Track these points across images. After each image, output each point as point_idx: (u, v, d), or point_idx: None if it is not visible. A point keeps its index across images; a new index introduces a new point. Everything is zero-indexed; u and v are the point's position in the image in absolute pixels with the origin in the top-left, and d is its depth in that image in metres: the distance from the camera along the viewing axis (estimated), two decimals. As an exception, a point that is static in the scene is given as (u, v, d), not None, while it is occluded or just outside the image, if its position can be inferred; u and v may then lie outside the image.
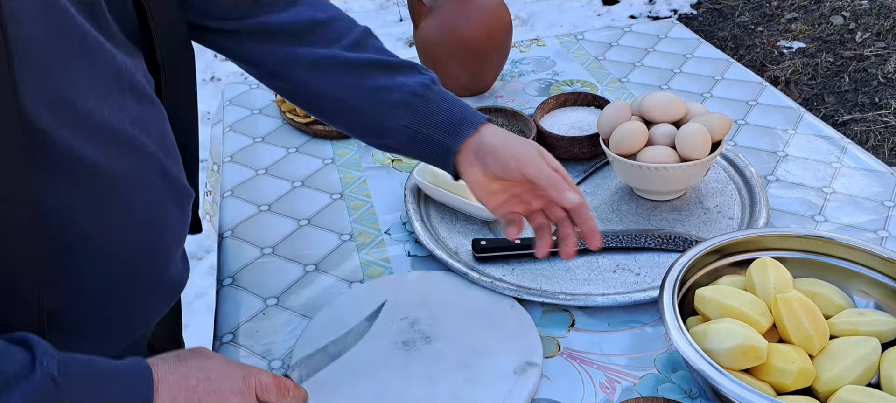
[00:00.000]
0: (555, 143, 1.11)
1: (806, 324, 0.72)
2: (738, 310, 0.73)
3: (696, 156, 0.95)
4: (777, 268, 0.78)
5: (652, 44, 1.51)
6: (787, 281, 0.77)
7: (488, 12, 1.26)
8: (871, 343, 0.71)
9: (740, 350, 0.69)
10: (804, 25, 3.67)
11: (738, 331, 0.70)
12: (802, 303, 0.73)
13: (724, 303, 0.74)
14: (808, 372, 0.70)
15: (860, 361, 0.70)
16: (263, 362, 0.84)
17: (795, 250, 0.83)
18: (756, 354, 0.70)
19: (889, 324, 0.74)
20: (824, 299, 0.78)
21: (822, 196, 1.02)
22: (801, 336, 0.72)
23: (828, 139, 1.15)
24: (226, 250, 1.02)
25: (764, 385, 0.70)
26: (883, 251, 0.79)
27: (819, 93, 3.12)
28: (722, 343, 0.70)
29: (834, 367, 0.70)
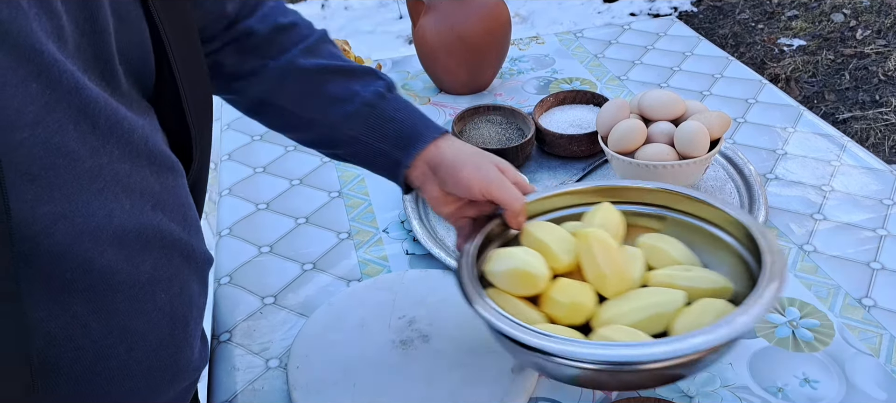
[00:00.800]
0: (553, 141, 1.11)
1: (600, 263, 0.69)
2: (543, 243, 0.72)
3: (695, 153, 0.95)
4: (608, 213, 0.75)
5: (651, 41, 1.50)
6: (614, 223, 0.74)
7: (487, 10, 1.26)
8: (673, 295, 0.68)
9: (515, 274, 0.69)
10: (805, 23, 3.66)
11: (518, 256, 0.69)
12: (600, 242, 0.69)
13: (535, 236, 0.73)
14: (581, 307, 0.68)
15: (647, 308, 0.67)
16: (261, 360, 0.83)
17: (654, 205, 0.79)
18: (532, 281, 0.68)
19: (713, 283, 0.70)
20: (662, 253, 0.74)
21: (821, 194, 1.02)
22: (594, 274, 0.70)
23: (827, 137, 1.15)
24: (223, 249, 1.02)
25: (536, 314, 0.69)
26: (732, 210, 0.74)
27: (819, 90, 3.11)
28: (499, 266, 0.70)
29: (616, 309, 0.68)
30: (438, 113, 1.29)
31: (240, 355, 0.85)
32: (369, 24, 4.24)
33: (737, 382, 0.76)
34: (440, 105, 1.32)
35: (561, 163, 1.12)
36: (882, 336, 0.80)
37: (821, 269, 0.89)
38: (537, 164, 1.12)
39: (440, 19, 1.26)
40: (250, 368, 0.83)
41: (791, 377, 0.76)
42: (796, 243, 0.94)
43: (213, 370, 0.84)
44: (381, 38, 4.00)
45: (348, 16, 4.40)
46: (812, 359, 0.78)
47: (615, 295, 0.70)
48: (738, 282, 0.70)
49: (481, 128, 1.15)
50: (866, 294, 0.85)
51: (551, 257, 0.71)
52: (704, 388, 0.76)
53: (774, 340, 0.80)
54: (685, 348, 0.58)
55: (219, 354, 0.85)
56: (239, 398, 0.80)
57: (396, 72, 1.45)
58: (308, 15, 3.14)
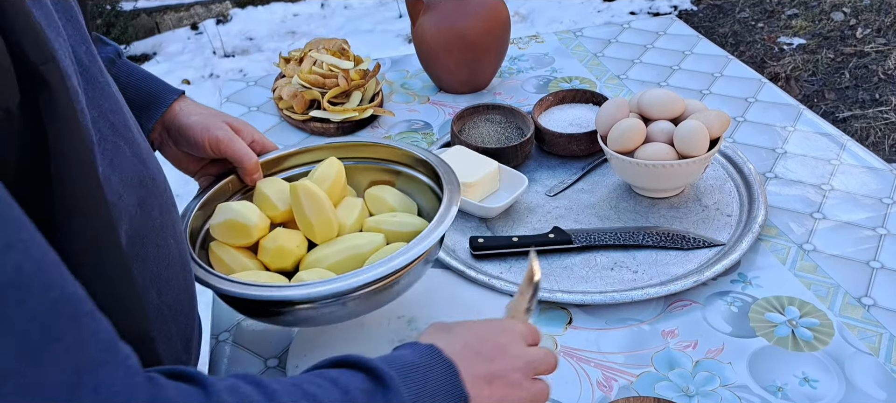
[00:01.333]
0: (553, 140, 1.11)
1: (307, 211, 0.76)
2: (263, 195, 0.80)
3: (695, 153, 0.95)
4: (330, 165, 0.82)
5: (651, 40, 1.50)
6: (332, 176, 0.81)
7: (486, 8, 1.26)
8: (370, 238, 0.76)
9: (228, 225, 0.76)
10: (805, 21, 3.66)
11: (234, 209, 0.76)
12: (309, 192, 0.76)
13: (259, 189, 0.81)
14: (287, 252, 0.75)
15: (344, 250, 0.75)
16: (259, 360, 0.83)
17: (382, 159, 0.88)
18: (245, 231, 0.76)
19: (409, 226, 0.79)
20: (380, 201, 0.84)
21: (821, 193, 1.02)
22: (303, 222, 0.77)
23: (827, 136, 1.15)
24: (223, 247, 1.02)
25: (252, 262, 0.76)
26: (420, 152, 0.84)
27: (819, 89, 3.11)
28: (218, 218, 0.77)
29: (319, 253, 0.76)
30: (438, 112, 1.29)
31: (239, 354, 0.84)
32: (369, 23, 4.23)
33: (736, 381, 0.76)
34: (439, 104, 1.32)
35: (560, 162, 1.12)
36: (882, 335, 0.80)
37: (820, 268, 0.89)
38: (537, 163, 1.12)
39: (440, 18, 1.26)
40: (249, 367, 0.83)
41: (790, 376, 0.76)
42: (796, 242, 0.94)
43: (213, 369, 0.84)
44: (380, 37, 4.00)
45: (348, 15, 4.40)
46: (811, 359, 0.78)
47: (324, 241, 0.78)
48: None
49: (480, 127, 1.15)
50: (866, 293, 0.85)
51: (269, 207, 0.79)
52: (704, 387, 0.75)
53: (774, 339, 0.80)
54: (332, 287, 0.66)
55: (218, 353, 0.85)
56: (238, 397, 0.79)
57: (396, 71, 1.45)
58: (307, 14, 3.14)
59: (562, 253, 0.94)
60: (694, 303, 0.86)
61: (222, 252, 0.77)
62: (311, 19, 4.39)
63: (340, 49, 1.35)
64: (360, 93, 1.27)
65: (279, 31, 4.32)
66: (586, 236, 0.94)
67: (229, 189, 0.85)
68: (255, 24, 4.33)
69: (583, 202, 1.03)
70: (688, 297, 0.87)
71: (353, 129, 1.24)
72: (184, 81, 3.77)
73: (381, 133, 1.24)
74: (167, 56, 4.15)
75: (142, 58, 4.19)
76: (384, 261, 0.67)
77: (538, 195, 1.05)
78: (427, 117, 1.28)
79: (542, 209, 1.03)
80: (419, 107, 1.31)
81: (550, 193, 1.05)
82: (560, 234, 0.94)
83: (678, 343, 0.81)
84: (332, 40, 1.36)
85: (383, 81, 1.40)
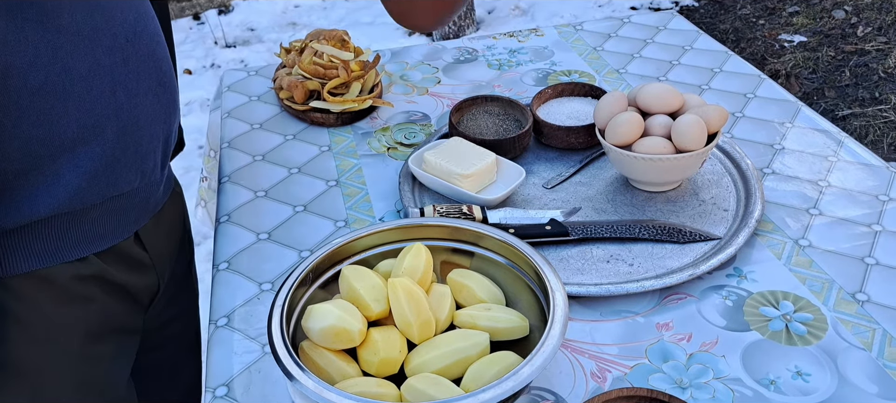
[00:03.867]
0: (551, 133, 1.11)
1: (406, 311, 0.73)
2: (356, 292, 0.75)
3: (692, 147, 0.95)
4: (418, 254, 0.78)
5: (651, 35, 1.50)
6: (421, 267, 0.78)
7: None
8: (475, 338, 0.73)
9: (331, 331, 0.72)
10: (806, 19, 3.66)
11: (333, 313, 0.72)
12: (407, 289, 0.73)
13: (351, 284, 0.76)
14: (391, 362, 0.72)
15: (451, 354, 0.72)
16: (257, 345, 0.84)
17: (463, 241, 0.84)
18: (348, 337, 0.72)
19: (508, 323, 0.76)
20: (468, 291, 0.79)
21: (818, 189, 1.02)
22: (402, 322, 0.74)
23: (825, 133, 1.15)
24: (222, 235, 1.02)
25: (352, 368, 0.73)
26: (524, 249, 0.79)
27: (819, 87, 3.11)
28: (316, 323, 0.72)
29: (423, 356, 0.73)
30: (436, 103, 1.30)
31: (237, 339, 0.85)
32: (369, 15, 4.23)
33: (729, 374, 0.77)
34: (438, 96, 1.32)
35: (558, 155, 1.12)
36: (875, 330, 0.80)
37: (815, 263, 0.90)
38: (534, 156, 1.13)
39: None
40: (247, 352, 0.83)
41: (783, 369, 0.77)
42: (792, 237, 0.94)
43: (211, 353, 0.84)
44: (380, 30, 4.00)
45: (348, 7, 4.40)
46: (805, 353, 0.79)
47: (422, 340, 0.74)
48: (533, 316, 0.77)
49: (479, 119, 1.16)
50: (860, 288, 0.86)
51: (364, 307, 0.75)
52: (697, 380, 0.76)
53: (768, 333, 0.81)
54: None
55: (216, 338, 0.86)
56: (236, 381, 0.80)
57: (395, 62, 1.46)
58: (308, 6, 3.15)
59: (558, 245, 0.94)
60: (689, 297, 0.86)
61: (317, 355, 0.73)
62: (313, 11, 4.39)
63: (341, 40, 1.35)
64: (360, 84, 1.28)
65: (280, 22, 4.32)
66: (583, 228, 0.95)
67: (310, 278, 0.80)
68: (257, 15, 4.33)
69: (580, 195, 1.04)
70: (683, 290, 0.87)
71: (353, 120, 1.25)
72: (185, 71, 3.77)
73: (380, 124, 1.24)
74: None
75: None
76: (512, 375, 0.65)
77: (535, 187, 1.06)
78: (425, 109, 1.28)
79: (539, 201, 1.03)
80: (418, 99, 1.32)
81: (548, 185, 1.06)
82: (556, 226, 0.94)
83: (672, 336, 0.82)
84: (332, 31, 1.37)
85: (383, 73, 1.41)
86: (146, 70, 0.79)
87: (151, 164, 0.84)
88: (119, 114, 0.76)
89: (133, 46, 0.77)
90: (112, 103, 0.75)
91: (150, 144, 0.83)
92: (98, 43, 0.73)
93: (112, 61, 0.75)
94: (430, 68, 1.43)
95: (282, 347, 0.69)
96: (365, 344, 0.73)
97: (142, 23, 0.78)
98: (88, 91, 0.73)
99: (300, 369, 0.67)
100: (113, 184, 0.79)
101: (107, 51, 0.74)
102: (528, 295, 0.79)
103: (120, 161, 0.79)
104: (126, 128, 0.78)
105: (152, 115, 0.81)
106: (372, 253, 0.84)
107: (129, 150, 0.79)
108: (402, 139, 1.20)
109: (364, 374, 0.73)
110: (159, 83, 0.82)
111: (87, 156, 0.75)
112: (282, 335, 0.71)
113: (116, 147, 0.77)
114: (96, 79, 0.73)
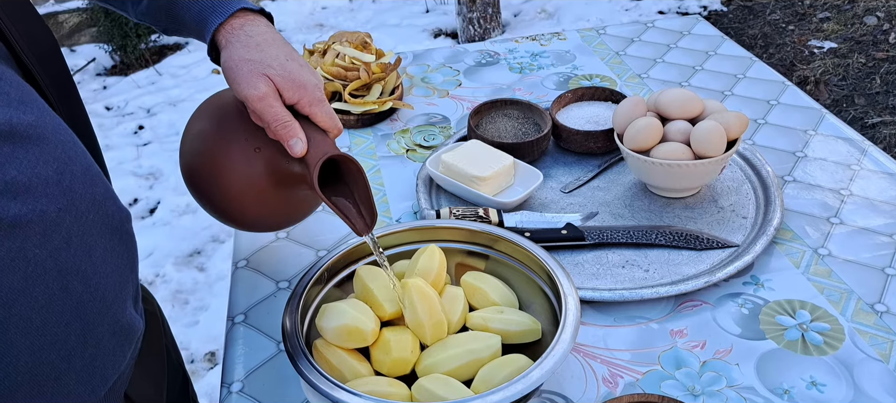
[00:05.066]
0: (569, 137, 1.11)
1: (419, 312, 0.73)
2: (370, 291, 0.76)
3: (711, 153, 0.95)
4: (432, 256, 0.79)
5: (674, 40, 1.49)
6: (435, 268, 0.78)
7: None
8: (487, 340, 0.73)
9: (345, 330, 0.72)
10: (836, 25, 3.61)
11: (348, 313, 0.73)
12: (420, 291, 0.74)
13: (365, 284, 0.77)
14: (403, 362, 0.73)
15: (463, 355, 0.72)
16: (273, 343, 0.85)
17: (478, 244, 0.85)
18: (361, 336, 0.73)
19: (520, 326, 0.76)
20: (481, 294, 0.80)
21: (839, 198, 1.01)
22: (415, 323, 0.74)
23: (848, 141, 1.14)
24: (242, 233, 1.03)
25: (364, 367, 0.73)
26: (539, 254, 0.79)
27: (849, 94, 3.07)
28: (330, 322, 0.73)
29: (435, 356, 0.73)
30: (456, 106, 1.30)
31: (254, 337, 0.86)
32: (396, 17, 4.25)
33: (742, 382, 0.76)
34: (458, 98, 1.33)
35: (576, 159, 1.12)
36: (893, 342, 0.79)
37: (834, 273, 0.89)
38: (553, 159, 1.13)
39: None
40: (263, 349, 0.84)
41: (798, 379, 0.76)
42: (811, 246, 0.93)
43: (228, 350, 0.85)
44: (406, 31, 4.01)
45: (375, 9, 4.42)
46: (820, 363, 0.78)
47: (434, 340, 0.75)
48: (546, 320, 0.77)
49: (498, 122, 1.16)
50: (879, 299, 0.85)
51: (378, 307, 0.75)
52: (710, 387, 0.76)
53: (783, 342, 0.80)
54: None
55: (233, 335, 0.87)
56: (252, 377, 0.81)
57: (417, 65, 1.46)
58: (336, 8, 3.17)
59: (574, 250, 0.94)
60: (704, 304, 0.86)
61: (330, 354, 0.73)
62: (340, 12, 4.42)
63: (363, 42, 1.36)
64: (381, 86, 1.28)
65: (307, 23, 4.35)
66: (599, 233, 0.95)
67: (325, 277, 0.81)
68: (285, 16, 4.37)
69: (598, 199, 1.04)
70: (698, 297, 0.87)
71: (373, 122, 1.25)
72: (214, 71, 3.81)
73: (400, 126, 1.25)
74: (198, 46, 4.19)
75: (174, 47, 4.24)
76: (522, 378, 0.65)
77: (553, 191, 1.06)
78: (445, 111, 1.29)
79: (556, 205, 1.03)
80: (438, 101, 1.32)
81: (565, 190, 1.06)
82: (573, 231, 0.94)
83: (686, 343, 0.81)
84: (354, 33, 1.38)
85: (404, 75, 1.41)
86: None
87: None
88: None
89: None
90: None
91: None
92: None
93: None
94: (452, 71, 1.43)
95: (296, 345, 0.70)
96: (377, 344, 0.74)
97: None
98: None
99: (313, 367, 0.68)
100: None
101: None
102: (542, 299, 0.79)
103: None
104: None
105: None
106: (387, 253, 0.84)
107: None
108: (422, 141, 1.20)
109: (376, 373, 0.74)
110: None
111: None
112: (296, 333, 0.72)
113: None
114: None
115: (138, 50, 4.04)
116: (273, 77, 0.73)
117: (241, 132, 0.78)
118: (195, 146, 0.82)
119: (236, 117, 0.80)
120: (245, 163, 0.78)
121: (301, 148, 0.72)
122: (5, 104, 0.52)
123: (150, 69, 3.99)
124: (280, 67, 0.73)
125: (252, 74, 0.72)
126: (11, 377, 0.53)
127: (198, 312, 2.30)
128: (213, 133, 0.81)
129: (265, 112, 0.72)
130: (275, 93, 0.73)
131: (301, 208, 0.87)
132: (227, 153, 0.79)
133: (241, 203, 0.81)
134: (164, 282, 2.43)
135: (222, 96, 0.85)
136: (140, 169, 3.07)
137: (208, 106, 0.85)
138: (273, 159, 0.77)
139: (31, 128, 0.53)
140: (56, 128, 0.57)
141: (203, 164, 0.81)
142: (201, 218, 2.73)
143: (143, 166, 3.09)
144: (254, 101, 0.72)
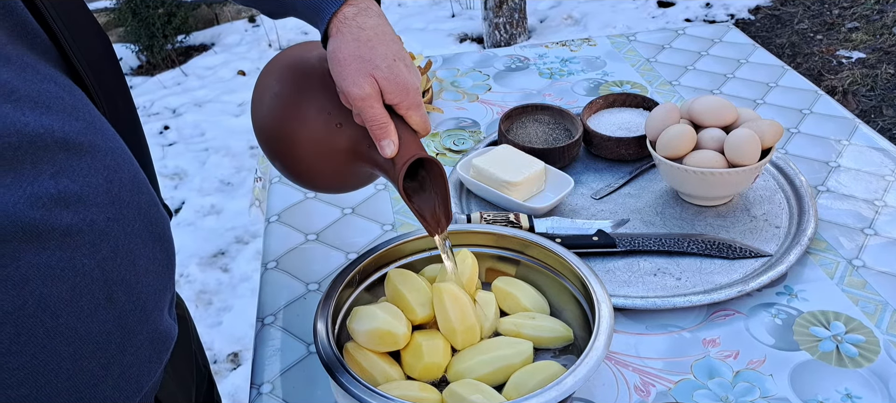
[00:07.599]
0: (601, 143, 1.11)
1: (451, 317, 0.73)
2: (402, 295, 0.76)
3: (745, 162, 0.94)
4: (464, 260, 0.79)
5: (705, 47, 1.49)
6: (467, 273, 0.78)
7: None
8: (519, 346, 0.73)
9: (376, 333, 0.72)
10: (865, 35, 3.56)
11: (379, 316, 0.73)
12: (452, 295, 0.73)
13: (397, 287, 0.77)
14: (435, 367, 0.72)
15: (494, 360, 0.72)
16: (302, 345, 0.85)
17: (510, 249, 0.84)
18: (393, 340, 0.73)
19: (553, 332, 0.76)
20: (513, 299, 0.79)
21: (874, 209, 1.00)
22: (447, 328, 0.74)
23: (882, 151, 1.12)
24: (271, 234, 1.04)
25: (395, 371, 0.73)
26: (572, 260, 0.79)
27: (877, 105, 3.03)
28: (362, 325, 0.73)
29: (467, 361, 0.73)
30: (486, 110, 1.30)
31: (283, 338, 0.87)
32: (421, 21, 4.26)
33: (776, 393, 0.75)
34: (488, 103, 1.33)
35: (607, 166, 1.12)
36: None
37: (869, 285, 0.88)
38: (584, 166, 1.12)
39: None
40: (292, 351, 0.85)
41: (833, 391, 0.75)
42: (845, 257, 0.92)
43: (257, 351, 0.86)
44: (432, 36, 4.02)
45: (401, 12, 4.43)
46: (855, 375, 0.77)
47: (466, 346, 0.74)
48: (578, 326, 0.77)
49: (528, 127, 1.16)
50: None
51: (409, 311, 0.75)
52: (743, 398, 0.75)
53: (817, 354, 0.79)
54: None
55: (263, 336, 0.88)
56: (280, 379, 0.82)
57: (447, 69, 1.47)
58: (362, 9, 3.05)
59: (605, 257, 0.94)
60: (737, 313, 0.85)
61: (361, 356, 0.74)
62: (365, 16, 4.42)
63: (393, 45, 1.36)
64: (411, 89, 1.29)
65: (333, 26, 4.36)
66: (630, 240, 0.94)
67: (356, 280, 0.81)
68: (310, 19, 4.38)
69: (629, 206, 1.03)
70: (731, 307, 0.86)
71: (403, 125, 1.26)
72: (239, 72, 3.85)
73: (430, 129, 1.25)
74: (224, 47, 4.23)
75: (200, 48, 4.28)
76: (555, 385, 0.65)
77: (584, 197, 1.06)
78: (475, 115, 1.29)
79: (587, 211, 1.03)
80: (468, 105, 1.32)
81: (596, 196, 1.05)
82: (604, 237, 0.94)
83: (719, 353, 0.80)
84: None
85: (434, 78, 1.42)
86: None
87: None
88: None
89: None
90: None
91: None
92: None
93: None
94: (481, 75, 1.43)
95: (327, 347, 0.70)
96: (409, 348, 0.74)
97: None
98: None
99: (344, 369, 0.68)
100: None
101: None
102: (574, 306, 0.79)
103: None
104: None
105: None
106: (418, 257, 0.84)
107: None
108: (451, 145, 1.21)
109: (407, 378, 0.74)
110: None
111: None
112: (327, 335, 0.72)
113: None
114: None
115: (165, 50, 4.08)
116: (379, 79, 0.72)
117: (324, 106, 0.78)
118: (274, 110, 0.80)
119: (320, 89, 0.78)
120: (326, 138, 0.78)
121: (392, 150, 0.72)
122: (60, 111, 0.53)
123: (176, 69, 4.03)
124: (387, 69, 0.72)
125: (359, 74, 0.71)
126: (52, 384, 0.54)
127: (221, 313, 2.32)
128: (294, 100, 0.79)
129: (365, 111, 0.72)
130: (378, 94, 0.72)
131: (365, 181, 0.87)
132: (307, 126, 0.78)
133: (312, 171, 0.81)
134: (189, 283, 2.45)
135: (304, 58, 0.82)
136: (165, 169, 3.10)
137: (289, 66, 0.82)
138: (353, 138, 0.77)
139: (82, 136, 0.54)
140: (105, 135, 0.57)
141: (281, 129, 0.80)
142: (225, 218, 2.75)
143: (168, 166, 3.12)
144: (357, 100, 0.72)
